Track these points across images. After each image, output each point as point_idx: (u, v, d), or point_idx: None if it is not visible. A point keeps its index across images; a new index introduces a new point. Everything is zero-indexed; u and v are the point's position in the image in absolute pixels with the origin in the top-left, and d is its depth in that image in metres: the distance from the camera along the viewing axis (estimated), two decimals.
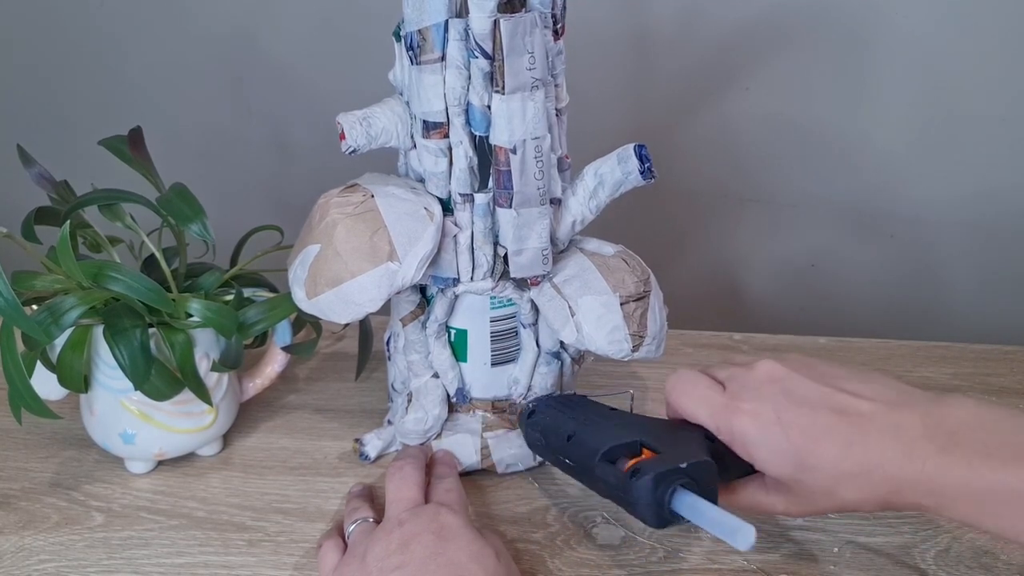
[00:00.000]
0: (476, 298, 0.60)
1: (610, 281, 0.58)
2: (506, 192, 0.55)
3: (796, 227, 0.98)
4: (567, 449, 0.54)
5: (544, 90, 0.53)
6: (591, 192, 0.58)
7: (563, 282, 0.59)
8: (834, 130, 0.93)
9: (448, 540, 0.49)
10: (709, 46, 0.90)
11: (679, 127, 0.94)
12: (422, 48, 0.53)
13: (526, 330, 0.62)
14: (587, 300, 0.57)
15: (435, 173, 0.56)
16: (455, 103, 0.53)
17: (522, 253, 0.57)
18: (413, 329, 0.61)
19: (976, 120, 0.91)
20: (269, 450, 0.66)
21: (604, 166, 0.58)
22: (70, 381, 0.57)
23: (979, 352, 0.80)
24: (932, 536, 0.59)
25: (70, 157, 0.71)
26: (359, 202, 0.55)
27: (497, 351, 0.62)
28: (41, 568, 0.54)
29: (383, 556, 0.49)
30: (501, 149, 0.54)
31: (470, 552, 0.49)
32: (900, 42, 0.88)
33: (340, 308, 0.54)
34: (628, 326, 0.57)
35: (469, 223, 0.57)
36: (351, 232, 0.54)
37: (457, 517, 0.52)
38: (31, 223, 0.60)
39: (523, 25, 0.51)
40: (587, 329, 0.57)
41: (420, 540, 0.49)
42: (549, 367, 0.63)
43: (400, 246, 0.54)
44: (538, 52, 0.52)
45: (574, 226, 0.59)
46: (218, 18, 0.93)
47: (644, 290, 0.59)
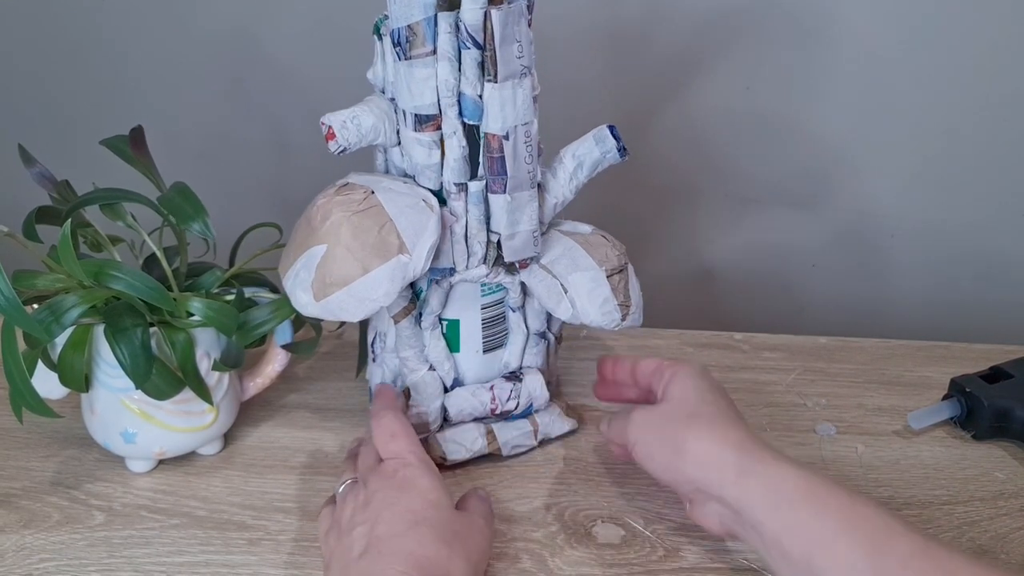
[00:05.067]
0: (467, 287, 0.62)
1: (595, 256, 0.61)
2: (500, 178, 0.56)
3: (796, 227, 0.98)
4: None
5: (531, 77, 0.55)
6: (571, 173, 0.61)
7: (551, 262, 0.61)
8: (834, 130, 0.93)
9: (405, 491, 0.53)
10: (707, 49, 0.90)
11: (677, 128, 0.94)
12: (412, 43, 0.53)
13: (515, 314, 0.64)
14: (577, 276, 0.60)
15: (428, 165, 0.57)
16: (448, 94, 0.55)
17: (515, 237, 0.59)
18: (406, 325, 0.61)
19: (977, 120, 0.91)
20: (269, 449, 0.66)
21: (581, 147, 0.60)
22: (71, 380, 0.57)
23: (979, 352, 0.80)
24: (932, 535, 0.59)
25: (71, 156, 0.71)
26: (361, 199, 0.56)
27: (488, 338, 0.64)
28: (42, 567, 0.55)
29: (351, 515, 0.52)
30: (494, 136, 0.55)
31: (426, 500, 0.52)
32: (900, 42, 0.88)
33: (353, 306, 0.55)
34: (616, 297, 0.61)
35: (464, 212, 0.58)
36: (358, 229, 0.55)
37: (415, 468, 0.54)
38: (32, 222, 0.60)
39: (512, 15, 0.53)
40: (581, 304, 0.60)
41: (380, 495, 0.52)
42: (538, 347, 0.65)
43: (408, 238, 0.55)
44: (524, 40, 0.54)
45: (556, 207, 0.62)
46: (218, 18, 0.93)
47: (624, 262, 0.63)
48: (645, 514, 0.60)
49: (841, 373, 0.77)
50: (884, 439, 0.69)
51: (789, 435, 0.69)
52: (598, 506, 0.61)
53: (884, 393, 0.74)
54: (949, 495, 0.63)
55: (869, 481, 0.64)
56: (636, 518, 0.60)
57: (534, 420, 0.66)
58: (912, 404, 0.72)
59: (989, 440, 0.68)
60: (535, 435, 0.65)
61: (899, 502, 0.62)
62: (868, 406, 0.72)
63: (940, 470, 0.65)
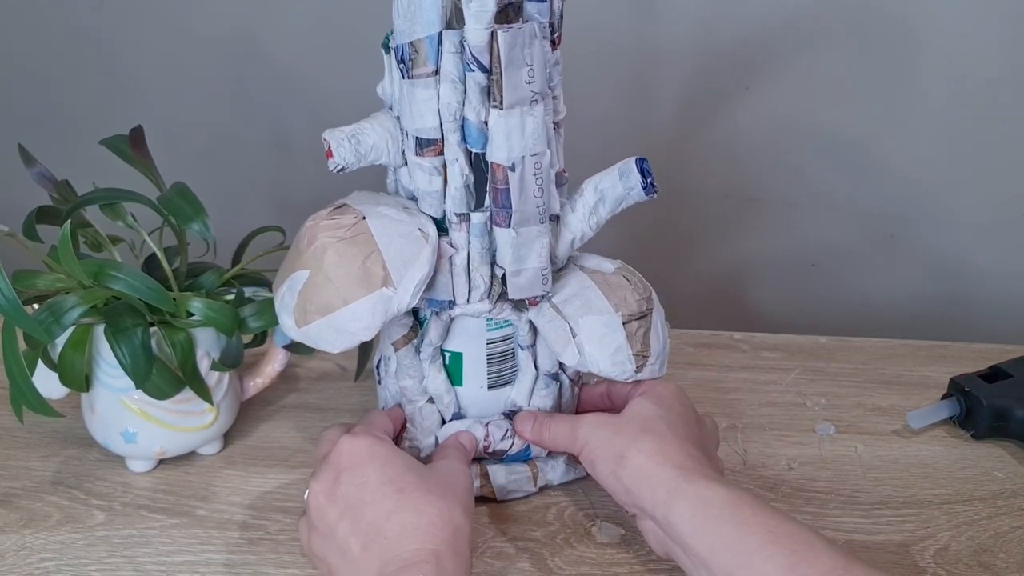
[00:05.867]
0: (472, 320, 0.58)
1: (612, 299, 0.56)
2: (504, 211, 0.52)
3: (796, 227, 0.98)
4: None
5: (543, 104, 0.51)
6: (591, 208, 0.56)
7: (563, 302, 0.57)
8: (834, 130, 0.93)
9: (370, 461, 0.50)
10: (707, 49, 0.90)
11: (676, 128, 0.94)
12: (414, 61, 0.50)
13: (524, 352, 0.59)
14: (588, 320, 0.56)
15: (429, 192, 0.54)
16: (450, 119, 0.51)
17: (521, 274, 0.55)
18: (406, 353, 0.58)
19: (977, 119, 0.91)
20: (270, 449, 0.66)
21: (605, 181, 0.55)
22: (71, 380, 0.57)
23: (978, 351, 0.80)
24: (932, 534, 0.59)
25: (71, 156, 0.71)
26: (350, 224, 0.52)
27: (494, 374, 0.60)
28: (42, 566, 0.55)
29: (323, 511, 0.50)
30: (499, 166, 0.51)
31: (395, 464, 0.50)
32: (900, 41, 0.88)
33: (332, 337, 0.52)
34: (631, 346, 0.56)
35: (465, 244, 0.54)
36: (342, 257, 0.51)
37: (363, 439, 0.52)
38: (32, 222, 0.60)
39: (522, 37, 0.49)
40: (589, 350, 0.55)
41: (345, 475, 0.50)
42: (548, 389, 0.60)
43: (395, 270, 0.51)
44: (537, 64, 0.50)
45: (573, 244, 0.57)
46: (218, 19, 0.93)
47: (646, 308, 0.57)
48: None
49: (841, 373, 0.77)
50: (883, 438, 0.69)
51: (788, 435, 0.69)
52: (598, 505, 0.61)
53: (884, 393, 0.74)
54: (948, 494, 0.63)
55: (868, 480, 0.64)
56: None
57: (534, 465, 0.61)
58: (911, 404, 0.72)
59: (988, 439, 0.68)
60: (534, 481, 0.61)
61: (898, 501, 0.62)
62: (868, 405, 0.72)
63: (939, 469, 0.66)
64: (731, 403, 0.72)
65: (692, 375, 0.75)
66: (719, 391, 0.73)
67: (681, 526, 0.48)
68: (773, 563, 0.45)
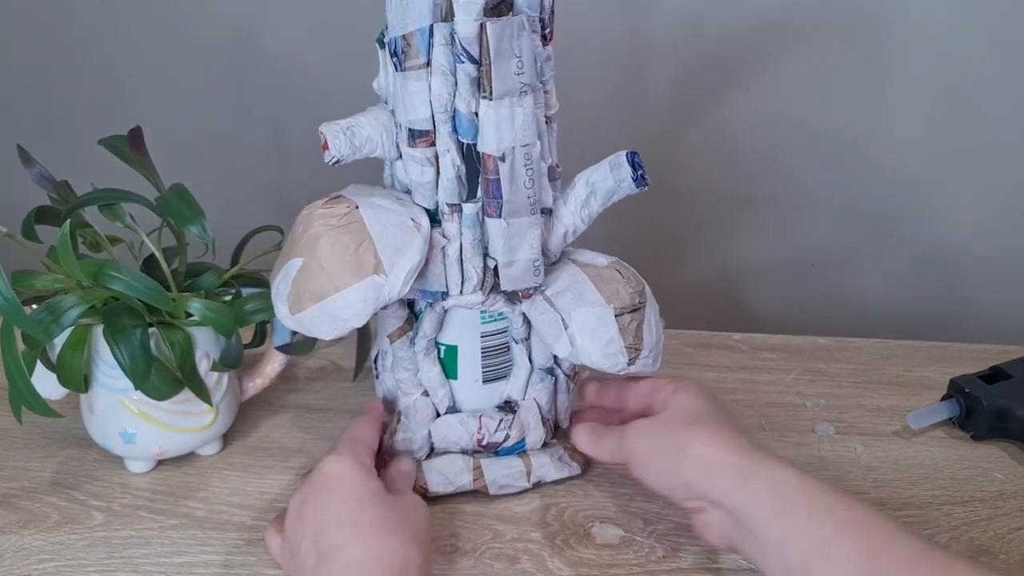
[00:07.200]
0: (466, 313, 0.58)
1: (604, 292, 0.57)
2: (495, 201, 0.53)
3: (795, 227, 0.98)
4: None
5: (533, 96, 0.52)
6: (583, 201, 0.57)
7: (555, 294, 0.57)
8: (833, 130, 0.93)
9: (334, 491, 0.51)
10: (703, 47, 0.90)
11: (674, 128, 0.94)
12: (406, 54, 0.51)
13: (518, 345, 0.60)
14: (581, 312, 0.56)
15: (421, 183, 0.55)
16: (441, 110, 0.52)
17: (513, 265, 0.55)
18: (401, 346, 0.59)
19: (978, 119, 0.91)
20: (269, 449, 0.66)
21: (596, 174, 0.56)
22: (70, 380, 0.57)
23: (978, 352, 0.80)
24: (931, 535, 0.59)
25: (70, 157, 0.71)
26: (343, 213, 0.53)
27: (488, 367, 0.60)
28: (41, 567, 0.55)
29: (293, 529, 0.51)
30: (489, 157, 0.52)
31: (358, 497, 0.51)
32: (900, 41, 0.88)
33: (325, 324, 0.53)
34: (624, 338, 0.56)
35: (458, 234, 0.55)
36: (335, 244, 0.52)
37: (338, 464, 0.53)
38: (31, 222, 0.60)
39: (510, 28, 0.50)
40: (581, 342, 0.56)
41: (311, 502, 0.51)
42: (543, 383, 0.61)
43: (386, 258, 0.52)
44: (526, 56, 0.51)
45: (566, 237, 0.58)
46: (218, 19, 0.93)
47: (639, 301, 0.57)
48: (644, 515, 0.60)
49: (840, 373, 0.77)
50: (883, 439, 0.69)
51: (788, 435, 0.69)
52: (598, 506, 0.61)
53: (883, 393, 0.74)
54: (948, 495, 0.63)
55: (868, 481, 0.64)
56: (635, 519, 0.60)
57: (528, 460, 0.61)
58: (911, 404, 0.72)
59: (988, 440, 0.68)
60: (528, 476, 0.61)
61: (898, 502, 0.62)
62: (867, 406, 0.72)
63: (939, 470, 0.65)
64: (731, 404, 0.72)
65: (691, 375, 0.75)
66: (718, 391, 0.73)
67: (758, 509, 0.48)
68: (849, 552, 0.45)
